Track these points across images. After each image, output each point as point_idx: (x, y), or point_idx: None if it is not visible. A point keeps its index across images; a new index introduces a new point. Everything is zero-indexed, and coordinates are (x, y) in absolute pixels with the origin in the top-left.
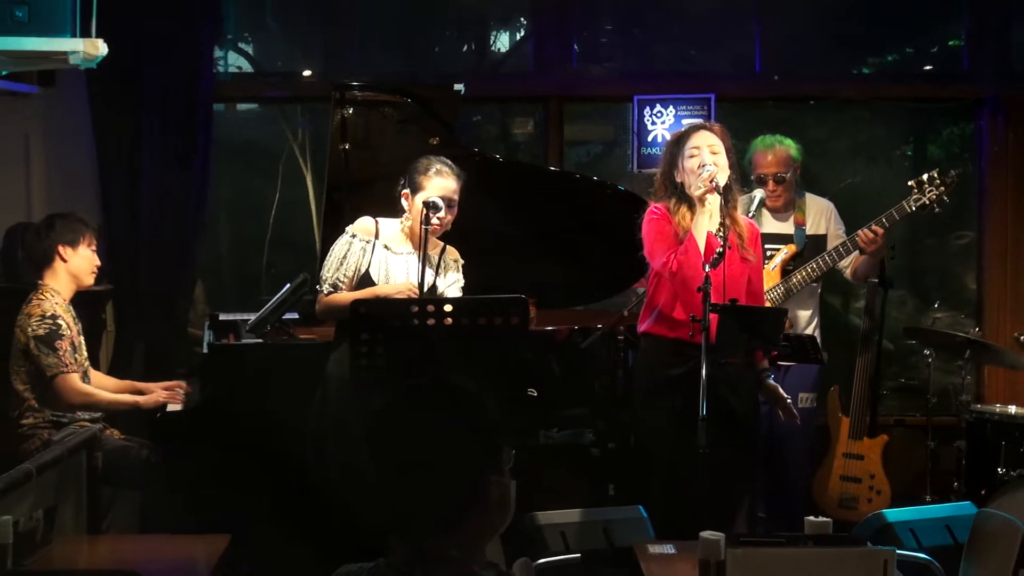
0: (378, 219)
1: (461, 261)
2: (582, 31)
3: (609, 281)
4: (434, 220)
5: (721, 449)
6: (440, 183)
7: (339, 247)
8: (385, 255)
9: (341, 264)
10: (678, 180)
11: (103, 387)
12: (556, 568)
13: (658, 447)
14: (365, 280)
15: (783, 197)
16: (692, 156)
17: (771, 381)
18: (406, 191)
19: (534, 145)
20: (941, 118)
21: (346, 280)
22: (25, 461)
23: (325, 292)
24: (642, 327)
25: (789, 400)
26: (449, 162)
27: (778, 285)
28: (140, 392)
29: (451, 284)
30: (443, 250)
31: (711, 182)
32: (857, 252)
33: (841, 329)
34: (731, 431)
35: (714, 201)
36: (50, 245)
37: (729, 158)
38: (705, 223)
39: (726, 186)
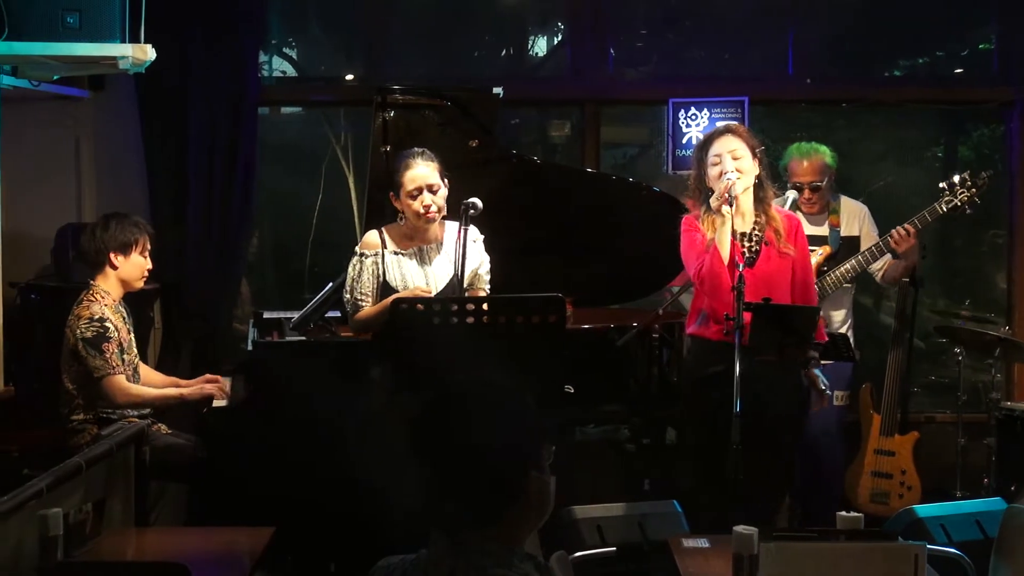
0: (382, 228)
1: (480, 237)
2: (618, 35)
3: (644, 280)
4: (422, 209)
5: (761, 446)
6: (413, 174)
7: (351, 269)
8: (397, 260)
9: (356, 283)
10: (708, 186)
11: (151, 382)
12: (592, 561)
13: (701, 443)
14: (385, 289)
15: (818, 204)
16: (714, 164)
17: (814, 370)
18: (391, 193)
19: (571, 147)
20: (971, 120)
21: (366, 296)
22: (75, 455)
23: (351, 312)
24: (689, 329)
25: (827, 392)
26: (418, 150)
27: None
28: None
29: (478, 267)
30: (460, 233)
31: (726, 193)
32: (889, 255)
33: (873, 328)
34: (771, 428)
35: (728, 212)
36: (102, 249)
37: (757, 156)
38: (726, 233)
39: (757, 184)
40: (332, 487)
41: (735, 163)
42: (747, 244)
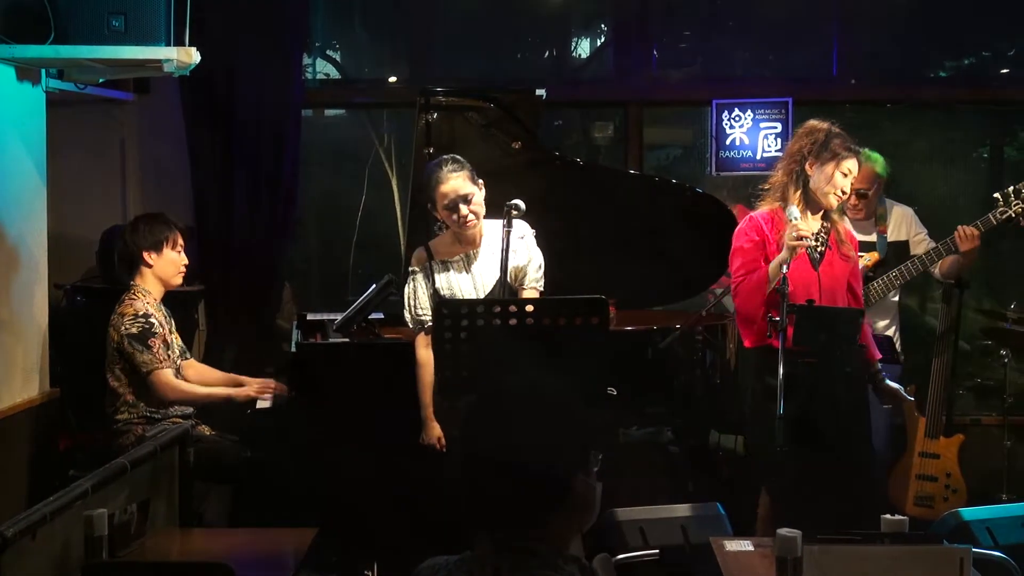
0: (428, 244)
1: (530, 232)
2: (662, 37)
3: (687, 282)
4: (462, 220)
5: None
6: (444, 189)
7: (407, 288)
8: (444, 271)
9: (413, 301)
10: (810, 174)
11: (205, 379)
12: (635, 564)
13: (762, 449)
14: (436, 298)
15: (864, 211)
16: (844, 175)
17: (889, 384)
18: (428, 205)
19: (614, 149)
20: (1018, 121)
21: (426, 311)
22: (120, 456)
23: (415, 331)
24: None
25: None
26: (444, 158)
27: None
28: (238, 384)
29: (526, 266)
30: (504, 232)
31: (800, 240)
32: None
33: (918, 330)
34: (833, 431)
35: (794, 254)
36: (135, 250)
37: None
38: (779, 269)
39: None
40: (375, 488)
41: (848, 190)
42: (815, 245)
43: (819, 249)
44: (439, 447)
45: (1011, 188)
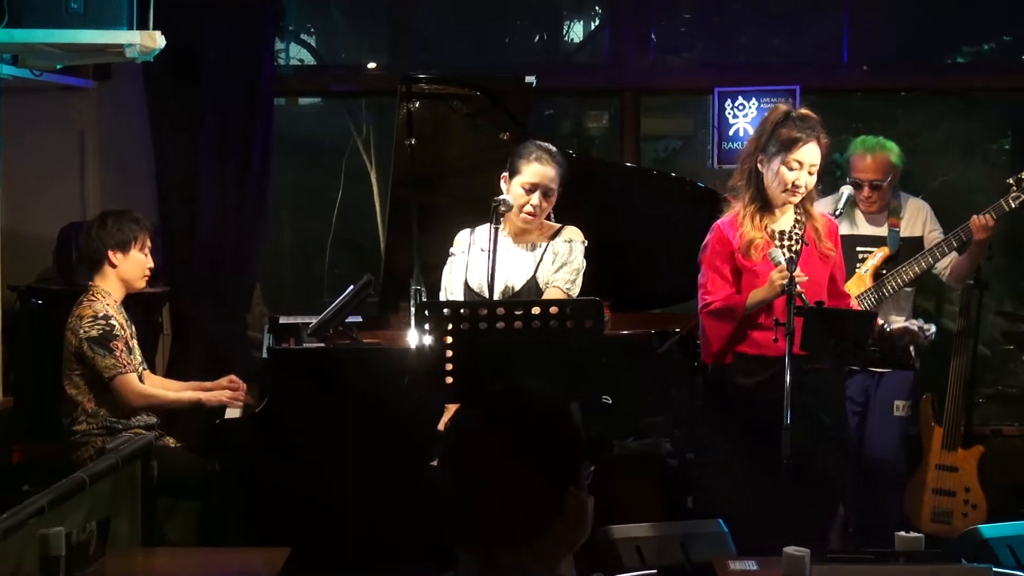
0: (476, 227)
1: (581, 241)
2: (660, 20)
3: (687, 283)
4: (527, 208)
5: (809, 460)
6: (537, 169)
7: (445, 271)
8: (480, 258)
9: (449, 283)
10: (761, 171)
11: (164, 388)
12: None
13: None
14: (466, 289)
15: (877, 203)
16: (792, 169)
17: (893, 327)
18: (505, 174)
19: (609, 140)
20: None
21: (456, 296)
22: (78, 469)
23: None
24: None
25: (915, 325)
26: (552, 149)
27: (870, 290)
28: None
29: (558, 271)
30: (555, 234)
31: (785, 283)
32: (955, 253)
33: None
34: (817, 441)
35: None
36: (100, 248)
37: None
38: (756, 306)
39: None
40: (352, 503)
41: (808, 178)
42: (786, 244)
43: (794, 248)
44: None
45: None
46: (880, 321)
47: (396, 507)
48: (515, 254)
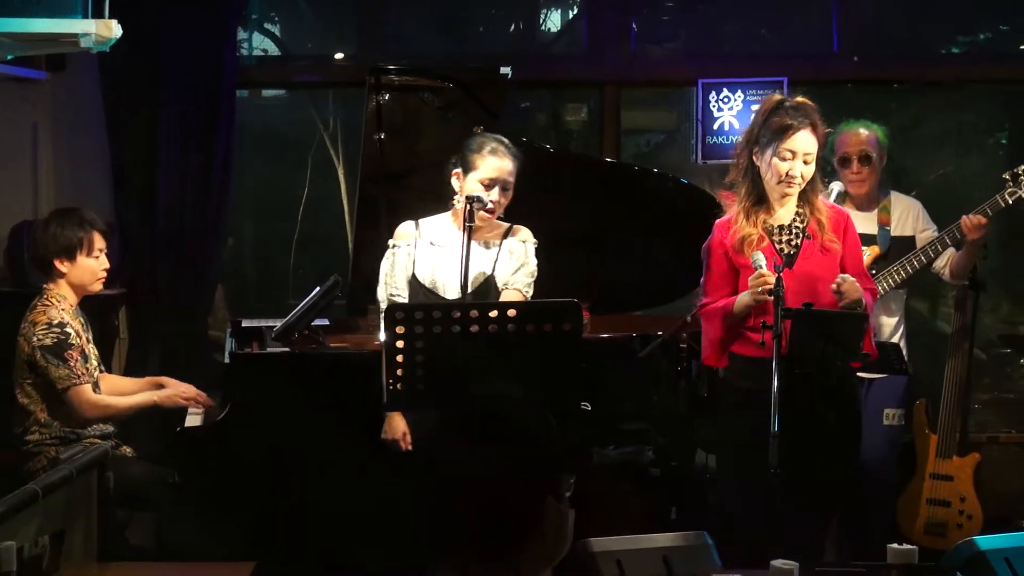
0: (419, 220)
1: (533, 242)
2: (641, 8)
3: (670, 283)
4: (488, 205)
5: (807, 467)
6: (495, 163)
7: (384, 263)
8: (431, 252)
9: (390, 278)
10: (757, 164)
11: (118, 390)
12: None
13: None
14: (413, 284)
15: (867, 183)
16: (785, 159)
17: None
18: (457, 171)
19: (588, 134)
20: None
21: (400, 291)
22: (31, 481)
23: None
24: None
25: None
26: (506, 141)
27: None
28: (159, 386)
29: (516, 272)
30: (506, 232)
31: (765, 290)
32: (952, 249)
33: (928, 337)
34: (820, 447)
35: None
36: (45, 255)
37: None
38: (743, 312)
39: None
40: (319, 514)
41: (804, 168)
42: (785, 238)
43: (793, 243)
44: (403, 446)
45: (1021, 167)
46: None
47: (366, 518)
48: (470, 252)
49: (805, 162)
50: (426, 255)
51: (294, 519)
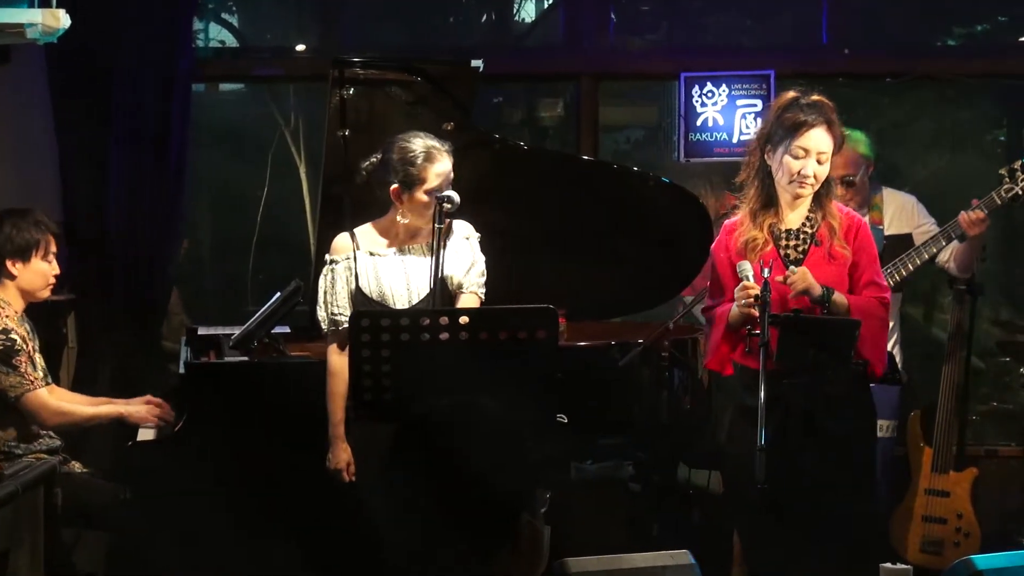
0: (354, 230)
1: (476, 236)
2: None
3: (651, 289)
4: (458, 203)
5: (804, 482)
6: (440, 169)
7: (321, 280)
8: (372, 263)
9: (331, 296)
10: (768, 163)
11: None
12: None
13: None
14: (358, 297)
15: (854, 200)
16: (798, 157)
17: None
18: (395, 186)
19: (564, 130)
20: None
21: (343, 309)
22: None
23: (328, 333)
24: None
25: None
26: (431, 137)
27: None
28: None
29: (468, 272)
30: (447, 230)
31: (751, 302)
32: (956, 241)
33: (923, 344)
34: (821, 460)
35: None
36: None
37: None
38: (739, 321)
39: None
40: (279, 531)
41: (818, 167)
42: (792, 243)
43: (801, 248)
44: (347, 476)
45: (1018, 163)
46: None
47: (328, 534)
48: (410, 259)
49: (819, 161)
50: (367, 266)
51: (252, 535)
